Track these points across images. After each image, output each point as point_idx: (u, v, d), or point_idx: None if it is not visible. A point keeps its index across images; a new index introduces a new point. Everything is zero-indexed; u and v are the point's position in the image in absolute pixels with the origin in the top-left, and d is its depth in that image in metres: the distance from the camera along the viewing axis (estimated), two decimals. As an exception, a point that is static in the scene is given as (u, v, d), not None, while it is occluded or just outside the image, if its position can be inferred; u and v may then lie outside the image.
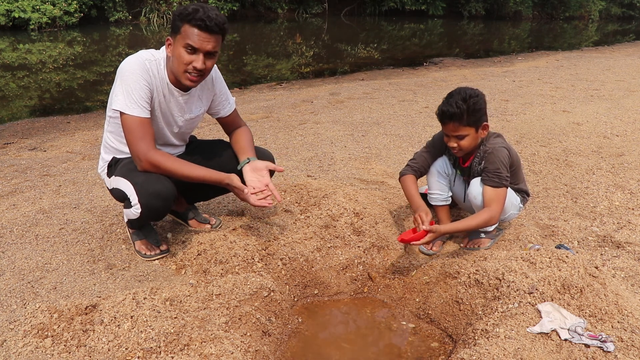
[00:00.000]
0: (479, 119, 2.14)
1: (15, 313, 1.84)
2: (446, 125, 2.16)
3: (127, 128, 1.97)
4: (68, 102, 6.41)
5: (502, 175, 2.16)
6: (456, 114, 2.09)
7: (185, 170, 2.03)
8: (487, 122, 2.20)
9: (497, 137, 2.27)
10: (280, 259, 2.26)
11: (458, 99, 2.09)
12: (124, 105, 1.94)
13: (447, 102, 2.12)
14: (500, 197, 2.15)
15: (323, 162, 3.65)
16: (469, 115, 2.10)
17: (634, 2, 26.95)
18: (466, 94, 2.10)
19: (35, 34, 12.27)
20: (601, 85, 6.98)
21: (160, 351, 1.59)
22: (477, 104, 2.10)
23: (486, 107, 2.18)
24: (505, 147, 2.22)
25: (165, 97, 2.08)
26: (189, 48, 1.92)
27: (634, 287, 2.09)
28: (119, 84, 1.96)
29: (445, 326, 2.03)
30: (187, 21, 1.90)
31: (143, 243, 2.30)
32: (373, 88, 6.83)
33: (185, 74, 1.97)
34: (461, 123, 2.11)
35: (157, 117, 2.10)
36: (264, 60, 10.16)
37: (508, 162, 2.20)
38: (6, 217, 2.68)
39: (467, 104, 2.08)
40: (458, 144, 2.17)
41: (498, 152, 2.19)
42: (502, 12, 23.08)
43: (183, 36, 1.92)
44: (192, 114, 2.21)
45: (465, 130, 2.14)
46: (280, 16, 18.73)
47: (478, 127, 2.16)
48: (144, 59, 1.99)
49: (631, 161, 3.67)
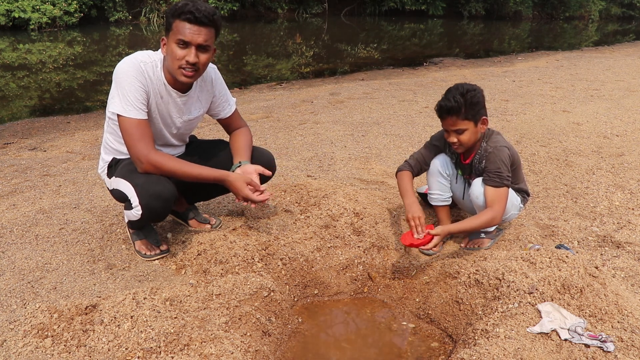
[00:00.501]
0: (478, 112, 2.15)
1: (15, 313, 1.84)
2: (445, 119, 2.17)
3: (125, 130, 1.97)
4: (68, 102, 6.41)
5: (503, 175, 2.16)
6: (454, 108, 2.11)
7: (187, 170, 2.03)
8: (486, 116, 2.20)
9: (498, 135, 2.28)
10: (280, 259, 2.26)
11: (456, 94, 2.11)
12: (121, 107, 1.94)
13: (445, 97, 2.15)
14: (502, 197, 2.16)
15: (323, 162, 3.65)
16: (467, 109, 2.11)
17: (634, 2, 26.95)
18: (464, 88, 2.13)
19: (35, 34, 12.27)
20: (601, 85, 6.98)
21: (160, 351, 1.59)
22: (475, 98, 2.12)
23: (484, 101, 2.19)
24: (506, 146, 2.23)
25: (163, 99, 2.08)
26: (181, 43, 1.92)
27: (634, 287, 2.09)
28: (114, 87, 1.96)
29: (445, 326, 2.03)
30: (176, 16, 1.91)
31: (143, 243, 2.30)
32: (373, 88, 6.83)
33: (179, 70, 1.96)
34: (459, 117, 2.12)
35: (155, 118, 2.10)
36: (264, 60, 10.16)
37: (509, 161, 2.20)
38: (6, 217, 2.68)
39: (465, 98, 2.10)
40: (458, 138, 2.18)
41: (499, 151, 2.19)
42: (502, 12, 23.08)
43: (174, 32, 1.92)
44: (191, 115, 2.21)
45: (464, 124, 2.14)
46: (280, 16, 18.73)
47: (477, 121, 2.16)
48: (139, 61, 1.99)
49: (631, 161, 3.67)
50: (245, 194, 2.09)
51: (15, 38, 11.53)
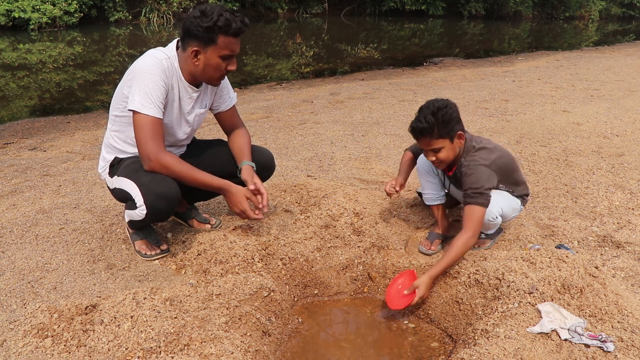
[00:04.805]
0: (452, 129, 2.11)
1: (15, 313, 1.84)
2: (419, 140, 2.16)
3: (139, 127, 1.96)
4: (68, 102, 6.41)
5: (479, 191, 2.09)
6: (426, 129, 2.09)
7: (193, 175, 2.04)
8: (463, 130, 2.17)
9: (478, 151, 2.19)
10: (280, 259, 2.26)
11: (427, 113, 2.09)
12: (140, 105, 1.94)
13: (417, 117, 2.12)
14: (475, 216, 2.09)
15: (323, 162, 3.65)
16: (439, 128, 2.09)
17: (634, 2, 26.92)
18: (435, 106, 2.09)
19: (35, 33, 12.27)
20: (601, 85, 6.98)
21: (160, 351, 1.59)
22: (447, 115, 2.08)
23: (458, 116, 2.15)
24: (484, 164, 2.15)
25: (181, 94, 2.11)
26: (228, 57, 1.99)
27: (634, 287, 2.09)
28: (137, 84, 1.95)
29: (445, 326, 2.04)
30: (223, 33, 1.93)
31: (143, 243, 2.30)
32: (373, 88, 6.83)
33: (219, 79, 2.08)
34: (433, 137, 2.10)
35: (169, 114, 2.10)
36: (264, 60, 10.16)
37: (487, 177, 2.13)
38: (6, 217, 2.68)
39: (436, 117, 2.07)
40: (436, 156, 2.16)
41: (474, 170, 2.13)
42: (502, 12, 23.06)
43: (221, 47, 1.96)
44: (202, 109, 2.24)
45: (439, 143, 2.12)
46: (280, 16, 18.72)
47: (453, 137, 2.13)
48: (160, 58, 2.00)
49: (631, 161, 3.67)
50: (244, 208, 2.11)
51: (15, 38, 11.53)
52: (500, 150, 2.26)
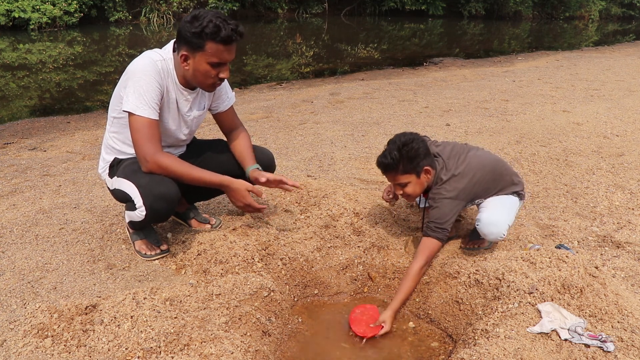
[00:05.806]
0: (417, 165, 2.10)
1: (15, 313, 1.84)
2: (385, 175, 2.17)
3: (135, 129, 1.96)
4: (68, 102, 6.41)
5: (439, 227, 2.10)
6: (390, 165, 2.09)
7: (191, 173, 2.03)
8: (430, 166, 2.13)
9: (445, 183, 2.14)
10: (280, 259, 2.26)
11: (393, 149, 2.09)
12: (134, 106, 1.93)
13: (383, 152, 2.13)
14: (428, 249, 2.11)
15: (323, 162, 3.65)
16: (404, 164, 2.08)
17: (634, 2, 26.93)
18: (401, 142, 2.09)
19: (35, 33, 12.27)
20: (601, 85, 6.98)
21: (160, 351, 1.59)
22: (412, 151, 2.07)
23: (426, 151, 2.11)
24: (449, 197, 2.12)
25: (176, 96, 2.10)
26: (216, 64, 1.94)
27: (634, 287, 2.09)
28: (131, 85, 1.94)
29: (445, 326, 2.04)
30: (210, 38, 1.88)
31: (143, 243, 2.30)
32: (373, 88, 6.83)
33: (211, 86, 2.04)
34: (398, 172, 2.11)
35: (167, 116, 2.10)
36: (264, 60, 10.16)
37: (450, 210, 2.11)
38: (6, 217, 2.68)
39: (401, 153, 2.07)
40: (403, 191, 2.16)
41: (439, 204, 2.12)
42: (502, 12, 23.07)
43: (208, 54, 1.91)
44: (199, 111, 2.23)
45: (405, 178, 2.12)
46: (280, 16, 18.72)
47: (419, 173, 2.12)
48: (155, 60, 1.99)
49: (631, 161, 3.67)
50: (248, 202, 2.12)
51: (15, 38, 11.53)
52: (474, 169, 2.16)
